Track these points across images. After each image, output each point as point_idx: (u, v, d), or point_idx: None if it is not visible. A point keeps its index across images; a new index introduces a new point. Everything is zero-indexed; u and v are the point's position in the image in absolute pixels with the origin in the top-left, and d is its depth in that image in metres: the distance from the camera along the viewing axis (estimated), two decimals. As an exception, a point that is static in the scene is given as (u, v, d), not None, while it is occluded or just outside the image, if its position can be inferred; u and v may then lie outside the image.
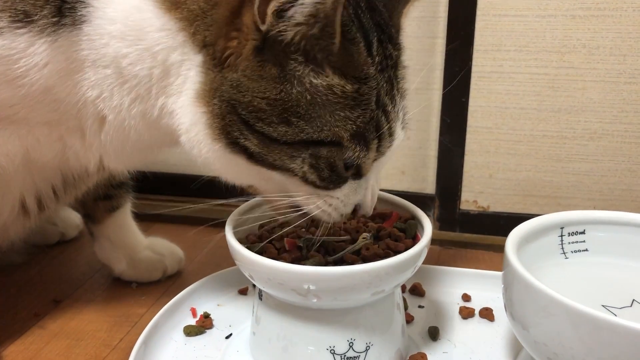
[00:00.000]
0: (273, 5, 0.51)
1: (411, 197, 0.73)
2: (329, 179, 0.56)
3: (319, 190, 0.58)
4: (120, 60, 0.57)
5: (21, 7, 0.55)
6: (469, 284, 0.82)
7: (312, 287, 0.57)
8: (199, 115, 0.56)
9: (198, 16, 0.55)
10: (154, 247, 0.88)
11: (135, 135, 0.62)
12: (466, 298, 0.80)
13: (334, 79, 0.54)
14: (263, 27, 0.52)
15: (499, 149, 1.00)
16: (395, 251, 0.63)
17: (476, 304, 0.78)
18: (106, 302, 0.82)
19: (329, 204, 0.59)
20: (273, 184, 0.59)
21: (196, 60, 0.56)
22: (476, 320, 0.75)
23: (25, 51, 0.56)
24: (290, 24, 0.51)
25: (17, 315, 0.78)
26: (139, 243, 0.88)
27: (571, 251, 0.68)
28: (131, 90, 0.59)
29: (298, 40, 0.52)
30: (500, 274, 0.63)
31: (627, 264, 0.67)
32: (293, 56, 0.53)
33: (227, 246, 0.63)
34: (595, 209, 0.74)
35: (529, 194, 1.02)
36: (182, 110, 0.58)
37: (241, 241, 0.63)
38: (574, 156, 0.98)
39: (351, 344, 0.62)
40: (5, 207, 0.69)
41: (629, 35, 0.91)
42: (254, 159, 0.56)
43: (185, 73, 0.57)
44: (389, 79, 0.58)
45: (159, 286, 0.86)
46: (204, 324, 0.73)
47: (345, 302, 0.61)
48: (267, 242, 0.65)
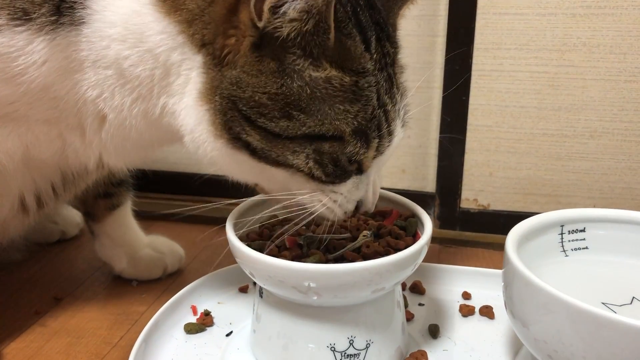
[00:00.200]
0: (269, 1, 0.51)
1: (411, 196, 0.73)
2: (334, 173, 0.57)
3: (325, 186, 0.58)
4: (122, 62, 0.57)
5: (20, 5, 0.56)
6: (469, 282, 0.82)
7: (313, 285, 0.57)
8: (202, 114, 0.57)
9: (196, 15, 0.56)
10: (155, 245, 0.89)
11: (136, 133, 0.62)
12: (466, 296, 0.80)
13: (331, 72, 0.54)
14: (260, 24, 0.53)
15: (499, 147, 1.00)
16: (396, 249, 0.63)
17: (476, 302, 0.78)
18: (107, 300, 0.82)
19: (334, 201, 0.59)
20: (277, 183, 0.59)
21: (196, 60, 0.57)
22: (476, 318, 0.75)
23: (23, 49, 0.56)
24: (285, 20, 0.52)
25: (18, 313, 0.78)
26: (139, 241, 0.88)
27: (571, 249, 0.68)
28: (133, 91, 0.59)
29: (294, 36, 0.52)
30: (501, 272, 0.63)
31: (627, 262, 0.67)
32: (291, 50, 0.53)
33: (228, 244, 0.63)
34: (595, 207, 0.74)
35: (529, 192, 1.02)
36: (186, 111, 0.58)
37: (242, 239, 0.63)
38: (574, 154, 0.98)
39: (351, 342, 0.62)
40: (5, 205, 0.69)
41: (629, 34, 0.91)
42: (257, 156, 0.57)
43: (186, 73, 0.57)
44: (388, 77, 0.58)
45: (160, 284, 0.86)
46: (205, 322, 0.73)
47: (345, 300, 0.61)
48: (268, 240, 0.65)
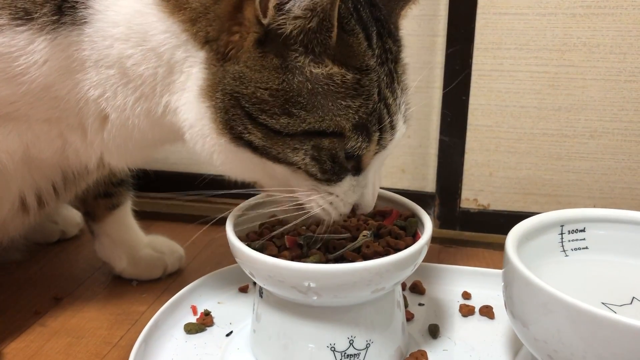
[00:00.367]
0: None
1: (411, 196, 0.73)
2: (331, 170, 0.57)
3: (320, 185, 0.58)
4: (125, 61, 0.57)
5: (21, 5, 0.56)
6: (469, 281, 0.82)
7: (313, 285, 0.57)
8: (203, 110, 0.57)
9: (200, 14, 0.56)
10: (155, 245, 0.89)
11: (138, 133, 0.62)
12: (466, 296, 0.80)
13: (333, 69, 0.54)
14: (265, 21, 0.53)
15: (499, 147, 1.00)
16: (396, 249, 0.63)
17: (476, 302, 0.78)
18: (107, 300, 0.82)
19: (329, 202, 0.59)
20: (277, 179, 0.60)
21: (199, 57, 0.57)
22: (476, 318, 0.75)
23: (25, 49, 0.56)
24: (289, 17, 0.52)
25: (18, 313, 0.78)
26: (139, 241, 0.88)
27: (571, 249, 0.68)
28: (136, 90, 0.59)
29: (297, 33, 0.53)
30: (501, 272, 0.63)
31: (627, 262, 0.67)
32: (293, 47, 0.54)
33: (228, 244, 0.63)
34: (595, 207, 0.74)
35: (529, 192, 1.02)
36: (187, 106, 0.58)
37: (242, 239, 0.63)
38: (574, 154, 0.98)
39: (351, 342, 0.62)
40: (5, 204, 0.69)
41: (629, 34, 0.91)
42: (258, 153, 0.57)
43: (188, 70, 0.57)
44: (389, 72, 0.58)
45: (160, 284, 0.86)
46: (205, 322, 0.73)
47: (345, 300, 0.61)
48: (268, 240, 0.65)
